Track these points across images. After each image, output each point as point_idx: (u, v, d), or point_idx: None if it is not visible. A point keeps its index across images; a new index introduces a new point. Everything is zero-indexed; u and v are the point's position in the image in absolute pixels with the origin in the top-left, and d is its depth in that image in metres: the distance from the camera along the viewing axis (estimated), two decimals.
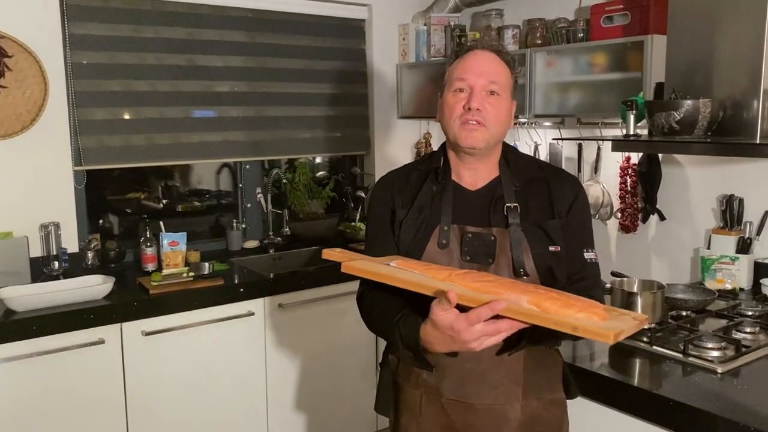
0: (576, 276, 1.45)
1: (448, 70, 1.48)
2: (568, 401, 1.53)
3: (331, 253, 1.46)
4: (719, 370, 1.65)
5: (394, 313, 1.36)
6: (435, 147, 3.80)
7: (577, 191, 1.50)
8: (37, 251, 2.68)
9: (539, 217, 1.43)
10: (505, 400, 1.41)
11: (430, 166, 1.53)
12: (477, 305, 1.15)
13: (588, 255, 1.48)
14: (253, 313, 2.71)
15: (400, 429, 1.50)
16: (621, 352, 1.81)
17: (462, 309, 1.20)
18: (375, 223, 1.56)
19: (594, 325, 1.08)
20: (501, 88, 1.42)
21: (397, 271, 1.31)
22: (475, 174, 1.49)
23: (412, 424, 1.47)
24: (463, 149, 1.43)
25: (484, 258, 1.40)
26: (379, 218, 1.54)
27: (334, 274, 2.93)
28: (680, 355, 1.74)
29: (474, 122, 1.39)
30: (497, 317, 1.17)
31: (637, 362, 1.77)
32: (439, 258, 1.41)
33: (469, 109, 1.39)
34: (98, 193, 3.08)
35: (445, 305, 1.19)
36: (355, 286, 1.62)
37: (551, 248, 1.41)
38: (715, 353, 1.74)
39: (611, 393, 1.64)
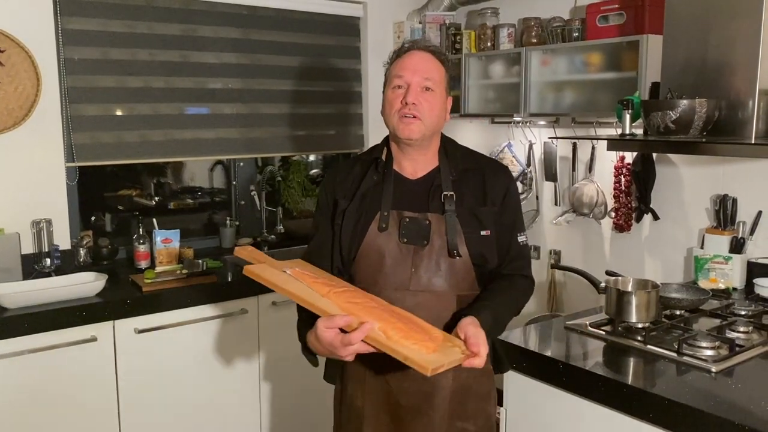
0: (509, 256, 1.65)
1: (389, 69, 1.62)
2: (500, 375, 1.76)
3: (241, 251, 1.58)
4: (713, 369, 1.66)
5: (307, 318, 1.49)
6: None
7: (509, 181, 1.68)
8: (28, 248, 2.66)
9: (473, 205, 1.60)
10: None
11: (371, 156, 1.68)
12: (351, 329, 1.33)
13: (521, 238, 1.67)
14: (246, 311, 2.70)
15: (346, 396, 1.70)
16: (616, 351, 1.82)
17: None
18: (318, 214, 1.72)
19: (420, 357, 1.26)
20: (435, 84, 1.56)
21: (288, 281, 1.44)
22: (415, 164, 1.63)
23: (357, 392, 1.65)
24: (401, 140, 1.58)
25: (420, 240, 1.56)
26: (321, 210, 1.70)
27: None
28: (674, 354, 1.75)
29: (411, 116, 1.53)
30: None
31: (632, 361, 1.77)
32: (379, 240, 1.57)
33: (406, 103, 1.53)
34: (91, 189, 3.06)
35: (328, 324, 1.34)
36: None
37: (482, 233, 1.59)
38: (709, 352, 1.74)
39: (606, 391, 1.65)
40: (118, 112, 2.91)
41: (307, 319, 1.49)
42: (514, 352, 1.87)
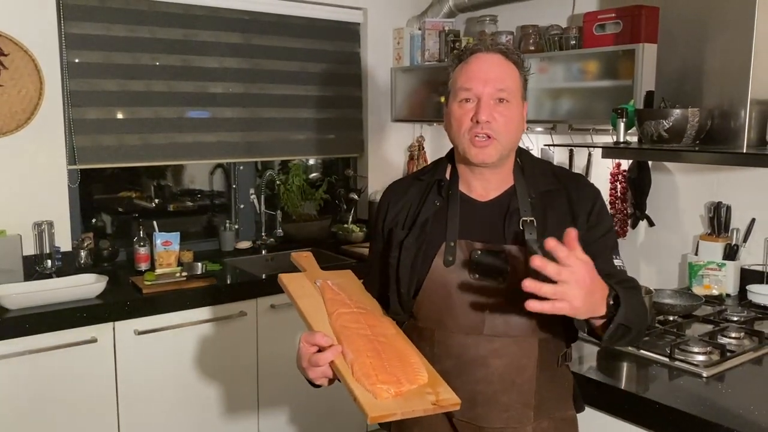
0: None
1: (452, 76, 1.38)
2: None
3: (296, 257, 1.57)
4: (704, 374, 1.68)
5: None
6: (428, 151, 3.83)
7: (596, 196, 1.41)
8: (30, 249, 2.68)
9: (557, 231, 1.23)
10: (516, 422, 1.35)
11: (434, 177, 1.44)
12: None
13: (617, 261, 1.39)
14: (245, 314, 2.72)
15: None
16: (609, 356, 1.84)
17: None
18: (372, 240, 1.55)
19: (366, 400, 1.14)
20: (510, 94, 1.32)
21: (304, 294, 1.38)
22: (486, 184, 1.39)
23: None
24: (473, 164, 1.36)
25: (496, 276, 1.31)
26: (375, 236, 1.52)
27: None
28: (667, 359, 1.77)
29: (484, 136, 1.30)
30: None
31: (625, 366, 1.79)
32: (447, 276, 1.33)
33: (477, 122, 1.30)
34: (92, 191, 3.08)
35: (309, 338, 1.25)
36: None
37: None
38: (701, 357, 1.77)
39: (598, 396, 1.67)
40: (120, 116, 2.94)
41: None
42: None
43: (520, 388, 1.34)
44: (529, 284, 1.05)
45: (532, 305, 1.05)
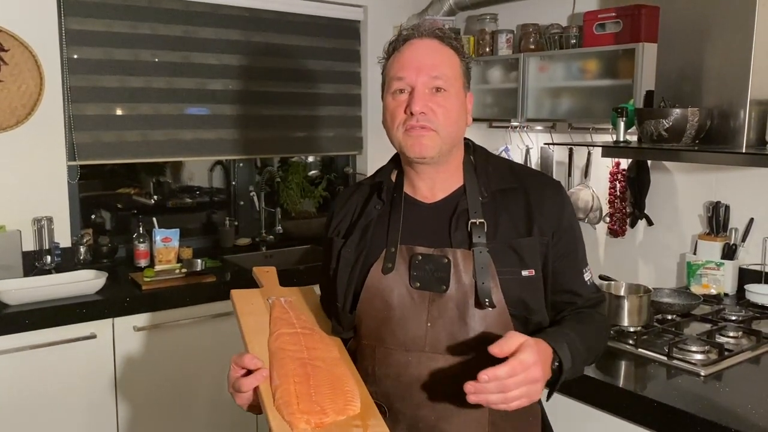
0: (577, 300, 1.26)
1: (385, 68, 1.25)
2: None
3: (257, 271, 1.50)
4: (702, 373, 1.69)
5: None
6: None
7: (563, 200, 1.27)
8: (29, 245, 2.68)
9: (510, 235, 1.20)
10: None
11: (376, 180, 1.32)
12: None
13: (586, 276, 1.28)
14: None
15: None
16: (607, 355, 1.84)
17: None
18: (323, 253, 1.41)
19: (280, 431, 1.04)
20: (447, 81, 1.19)
21: (250, 312, 1.30)
22: (432, 184, 1.26)
23: None
24: (412, 159, 1.22)
25: (436, 284, 1.17)
26: (324, 248, 1.38)
27: None
28: (665, 358, 1.77)
29: (419, 127, 1.18)
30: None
31: (623, 364, 1.80)
32: (383, 285, 1.20)
33: (412, 113, 1.18)
34: (91, 188, 3.08)
35: (238, 360, 1.16)
36: None
37: (524, 273, 1.18)
38: (699, 356, 1.78)
39: (596, 394, 1.67)
40: (120, 112, 2.94)
41: None
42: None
43: (468, 417, 1.16)
44: (474, 399, 0.99)
45: (479, 400, 1.00)
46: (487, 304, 1.15)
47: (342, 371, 1.19)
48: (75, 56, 2.79)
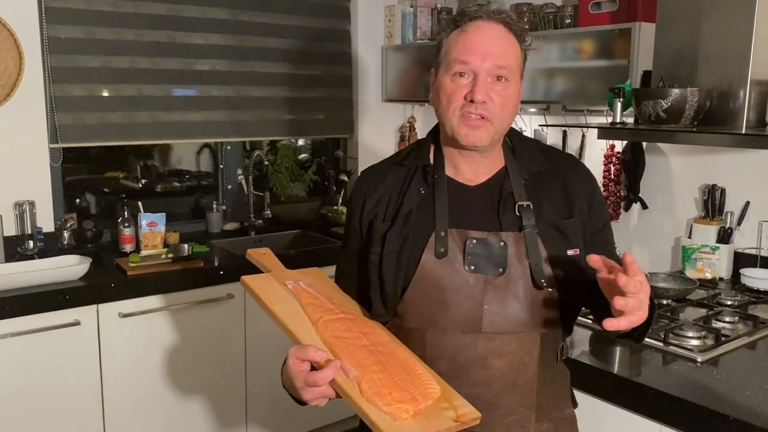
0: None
1: (446, 43, 1.22)
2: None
3: (253, 254, 1.38)
4: (698, 359, 1.67)
5: None
6: (419, 131, 3.78)
7: (592, 178, 1.33)
8: (11, 230, 2.62)
9: (553, 216, 1.23)
10: (518, 427, 1.25)
11: (417, 162, 1.29)
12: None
13: (618, 252, 1.32)
14: (233, 296, 2.68)
15: None
16: (602, 341, 1.82)
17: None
18: (346, 236, 1.37)
19: (387, 425, 1.01)
20: (510, 72, 1.18)
21: (278, 300, 1.23)
22: (475, 168, 1.26)
23: None
24: (463, 146, 1.22)
25: (493, 268, 1.20)
26: (350, 232, 1.35)
27: (314, 257, 2.91)
28: (661, 344, 1.75)
29: (477, 116, 1.17)
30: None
31: (618, 350, 1.77)
32: (439, 270, 1.21)
33: (472, 101, 1.16)
34: (75, 171, 3.02)
35: (300, 353, 1.09)
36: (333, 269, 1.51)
37: (570, 252, 1.22)
38: (695, 342, 1.75)
39: (592, 380, 1.65)
40: (104, 93, 2.86)
41: None
42: None
43: (521, 390, 1.24)
44: (620, 302, 0.99)
45: (610, 324, 1.01)
46: (544, 284, 1.19)
47: (404, 354, 1.17)
48: (56, 35, 2.71)
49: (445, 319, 1.21)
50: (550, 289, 1.20)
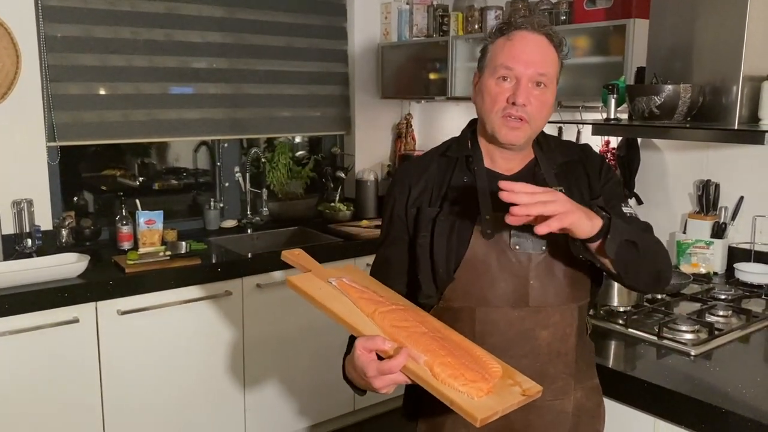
0: None
1: (491, 49, 1.33)
2: None
3: (288, 256, 1.40)
4: (692, 353, 1.68)
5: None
6: (416, 128, 3.79)
7: (601, 159, 1.46)
8: (9, 228, 2.63)
9: (582, 199, 1.35)
10: (562, 394, 1.35)
11: (459, 153, 1.41)
12: (386, 356, 1.14)
13: (626, 209, 1.41)
14: (230, 293, 2.69)
15: (444, 430, 1.38)
16: (597, 335, 1.83)
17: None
18: (388, 228, 1.45)
19: (468, 403, 1.07)
20: (549, 79, 1.30)
21: (329, 296, 1.26)
22: (510, 160, 1.39)
23: (460, 427, 1.34)
24: (502, 143, 1.34)
25: (536, 246, 1.31)
26: (391, 221, 1.44)
27: (312, 254, 2.91)
28: (655, 338, 1.77)
29: (516, 118, 1.28)
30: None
31: (613, 344, 1.79)
32: (485, 250, 1.31)
33: (514, 103, 1.28)
34: (73, 169, 3.02)
35: (368, 344, 1.14)
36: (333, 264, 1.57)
37: None
38: (689, 336, 1.77)
39: None
40: (101, 91, 2.87)
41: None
42: None
43: (564, 358, 1.35)
44: (506, 195, 1.09)
45: (540, 229, 1.10)
46: (582, 258, 1.27)
47: (459, 338, 1.23)
48: (53, 34, 2.71)
49: (495, 296, 1.32)
50: (584, 263, 1.30)
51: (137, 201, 2.89)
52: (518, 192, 1.10)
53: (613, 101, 2.23)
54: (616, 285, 1.92)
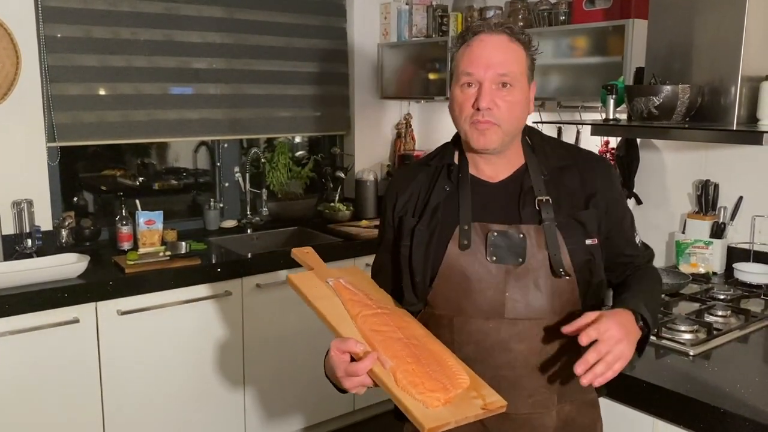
0: (636, 262, 1.43)
1: (456, 58, 1.33)
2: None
3: (297, 253, 1.46)
4: (691, 353, 1.68)
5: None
6: (416, 128, 3.80)
7: (612, 174, 1.41)
8: (9, 229, 2.63)
9: (572, 208, 1.33)
10: (542, 407, 1.33)
11: (442, 161, 1.40)
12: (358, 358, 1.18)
13: (636, 239, 1.43)
14: (230, 293, 2.70)
15: None
16: None
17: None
18: (381, 233, 1.49)
19: (420, 412, 1.10)
20: (514, 78, 1.27)
21: (320, 296, 1.30)
22: (495, 166, 1.36)
23: None
24: (476, 150, 1.32)
25: (512, 257, 1.29)
26: (385, 228, 1.46)
27: None
28: (653, 338, 1.76)
29: (484, 122, 1.27)
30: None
31: None
32: (462, 261, 1.31)
33: (478, 108, 1.26)
34: (73, 169, 3.02)
35: (341, 346, 1.19)
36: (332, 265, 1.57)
37: (588, 242, 1.32)
38: (688, 336, 1.77)
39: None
40: (101, 92, 2.87)
41: None
42: None
43: (543, 372, 1.32)
44: (580, 367, 1.13)
45: (595, 380, 1.14)
46: (562, 273, 1.28)
47: (436, 347, 1.25)
48: (52, 34, 2.72)
49: (471, 306, 1.31)
50: (567, 277, 1.29)
51: (137, 201, 2.90)
52: (591, 362, 1.13)
53: (612, 101, 2.24)
54: None
